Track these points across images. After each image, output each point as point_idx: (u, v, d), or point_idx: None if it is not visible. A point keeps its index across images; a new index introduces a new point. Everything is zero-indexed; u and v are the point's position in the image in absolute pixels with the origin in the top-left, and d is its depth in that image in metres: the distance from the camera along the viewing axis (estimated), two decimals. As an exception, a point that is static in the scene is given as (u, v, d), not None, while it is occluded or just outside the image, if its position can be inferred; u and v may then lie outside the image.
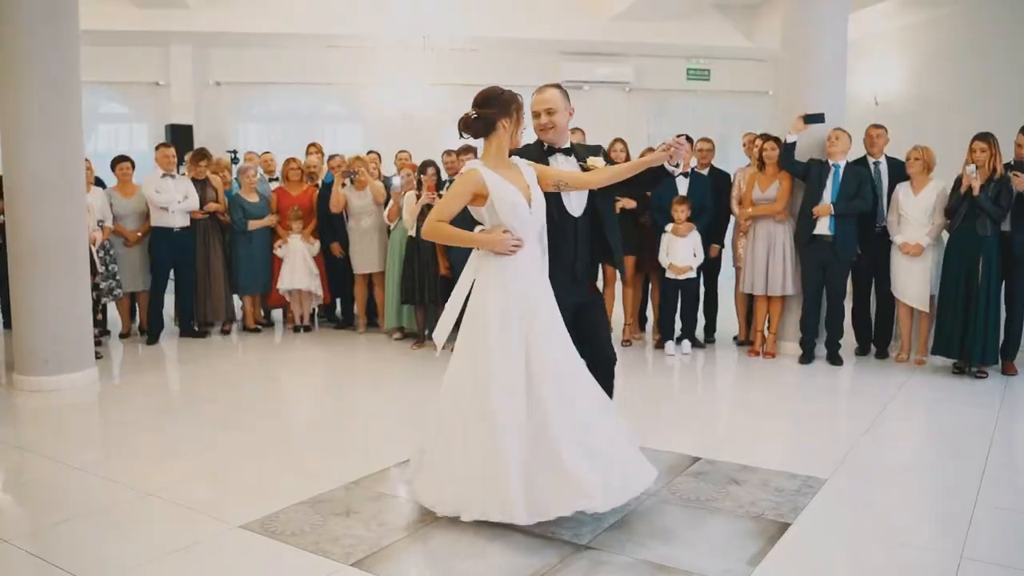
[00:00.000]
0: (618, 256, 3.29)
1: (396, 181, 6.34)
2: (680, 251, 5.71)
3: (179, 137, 8.72)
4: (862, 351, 5.96)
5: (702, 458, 3.64)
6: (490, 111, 2.86)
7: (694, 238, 5.74)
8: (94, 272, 5.73)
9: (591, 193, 3.16)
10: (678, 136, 3.00)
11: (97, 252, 5.97)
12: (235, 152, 8.71)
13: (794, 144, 5.62)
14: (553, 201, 3.04)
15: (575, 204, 3.13)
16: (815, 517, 2.99)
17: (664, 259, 5.79)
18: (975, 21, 8.17)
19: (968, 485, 3.31)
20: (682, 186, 5.86)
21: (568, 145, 3.23)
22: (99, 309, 6.17)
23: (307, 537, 2.78)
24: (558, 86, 3.24)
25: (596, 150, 3.31)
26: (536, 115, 3.16)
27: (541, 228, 2.97)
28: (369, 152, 7.52)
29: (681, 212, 5.67)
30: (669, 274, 5.79)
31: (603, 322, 3.36)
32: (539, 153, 3.17)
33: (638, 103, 10.41)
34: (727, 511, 3.04)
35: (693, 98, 10.55)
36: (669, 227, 5.74)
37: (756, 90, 10.15)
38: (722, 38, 9.81)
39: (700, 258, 5.79)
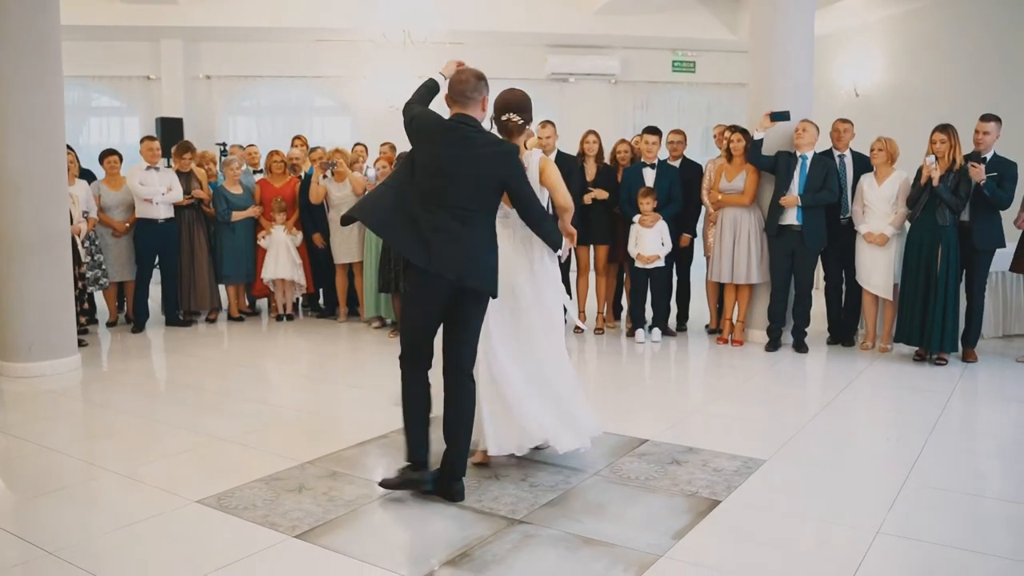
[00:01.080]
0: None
1: (372, 173, 6.48)
2: (648, 241, 5.84)
3: (169, 130, 8.88)
4: (834, 340, 6.07)
5: (649, 440, 3.78)
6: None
7: (661, 228, 5.86)
8: (78, 262, 5.90)
9: None
10: None
11: (82, 243, 6.14)
12: (224, 145, 8.86)
13: (761, 141, 5.73)
14: None
15: None
16: (746, 495, 3.13)
17: (633, 249, 5.93)
18: (955, 12, 8.25)
19: (901, 466, 3.45)
20: (649, 177, 5.98)
21: None
22: (85, 298, 6.34)
23: (258, 511, 2.94)
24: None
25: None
26: None
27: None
28: (356, 145, 7.64)
29: (647, 204, 5.80)
30: (638, 264, 5.92)
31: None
32: None
33: (624, 95, 10.51)
34: (663, 489, 3.19)
35: (678, 90, 10.64)
36: (637, 218, 5.87)
37: (741, 82, 10.16)
38: (706, 31, 9.91)
39: (668, 247, 5.92)
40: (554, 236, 3.24)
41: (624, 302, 6.67)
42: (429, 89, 3.29)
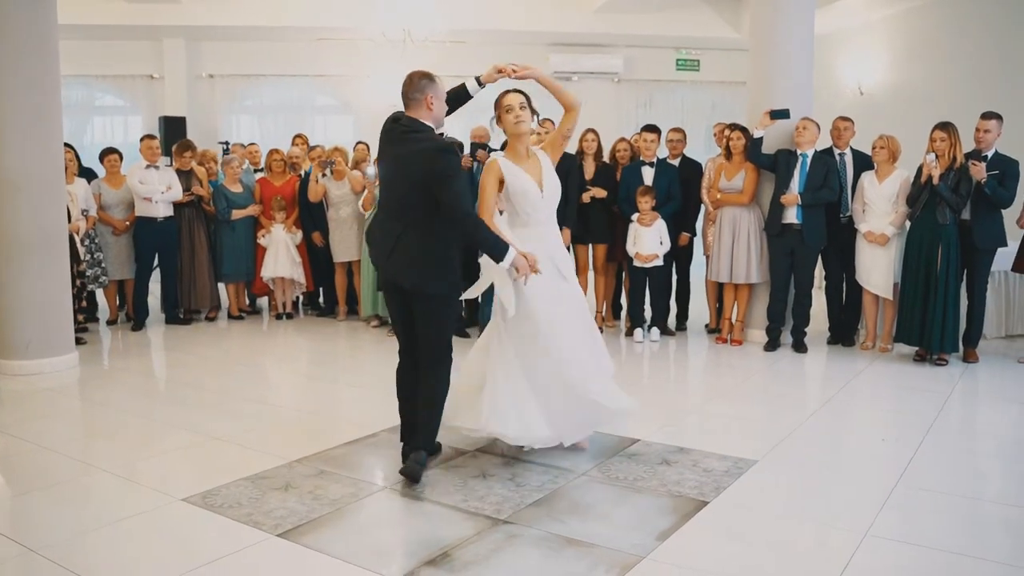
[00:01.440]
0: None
1: (370, 171, 6.48)
2: (646, 240, 5.81)
3: (172, 129, 8.90)
4: (834, 340, 6.02)
5: (641, 439, 3.76)
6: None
7: (660, 227, 5.83)
8: (76, 260, 5.92)
9: None
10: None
11: (82, 241, 6.16)
12: (227, 143, 8.87)
13: (761, 139, 5.69)
14: None
15: None
16: (734, 496, 3.10)
17: (631, 248, 5.90)
18: (955, 11, 8.18)
19: (895, 467, 3.41)
20: (647, 176, 5.95)
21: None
22: (83, 296, 6.36)
23: (242, 509, 2.93)
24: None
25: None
26: None
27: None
28: (358, 143, 7.63)
29: (645, 202, 5.77)
30: (636, 263, 5.90)
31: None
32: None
33: (627, 94, 10.46)
34: (651, 490, 3.16)
35: (682, 88, 10.58)
36: (635, 217, 5.84)
37: (745, 80, 10.14)
38: (709, 29, 9.85)
39: (666, 246, 5.88)
40: (490, 246, 3.07)
41: (623, 301, 6.64)
42: (456, 95, 3.32)
